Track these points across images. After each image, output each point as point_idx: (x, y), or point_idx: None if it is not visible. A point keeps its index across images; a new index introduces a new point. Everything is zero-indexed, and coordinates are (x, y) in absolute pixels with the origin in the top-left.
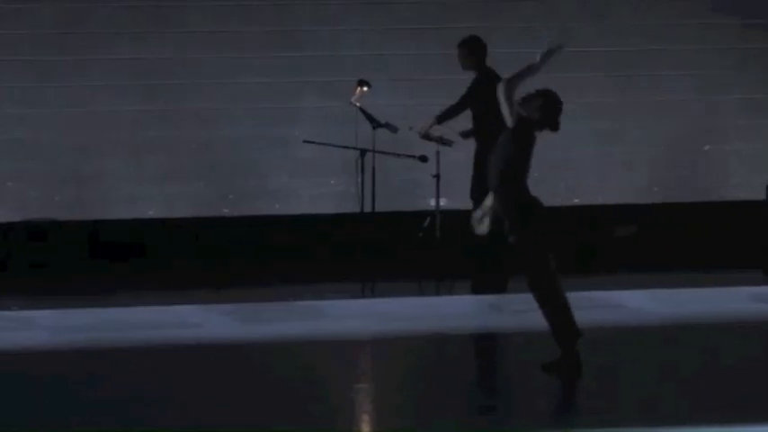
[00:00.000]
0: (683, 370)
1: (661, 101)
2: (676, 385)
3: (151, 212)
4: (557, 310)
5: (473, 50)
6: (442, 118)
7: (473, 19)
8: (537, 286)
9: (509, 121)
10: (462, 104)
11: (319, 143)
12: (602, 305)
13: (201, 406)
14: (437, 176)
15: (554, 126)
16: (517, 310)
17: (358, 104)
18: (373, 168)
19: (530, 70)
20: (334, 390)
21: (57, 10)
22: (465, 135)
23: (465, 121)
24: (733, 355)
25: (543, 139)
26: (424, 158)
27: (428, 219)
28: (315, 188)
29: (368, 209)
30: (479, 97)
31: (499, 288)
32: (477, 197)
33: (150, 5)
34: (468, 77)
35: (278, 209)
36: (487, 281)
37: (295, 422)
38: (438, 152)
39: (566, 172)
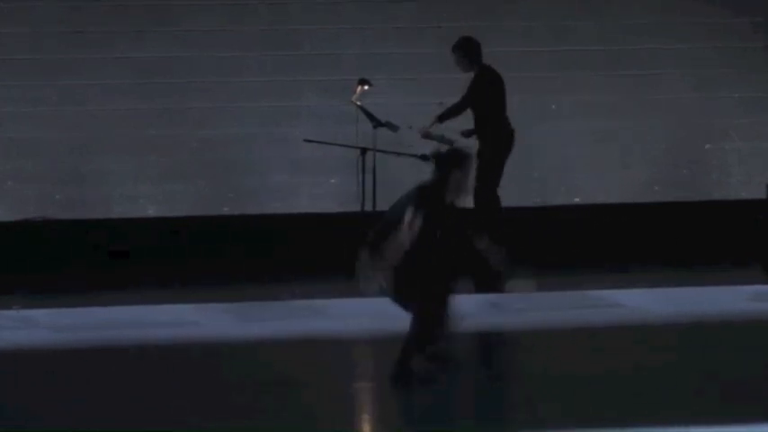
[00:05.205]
0: (682, 369)
1: (661, 99)
2: (676, 384)
3: (151, 211)
4: None
5: (466, 52)
6: (444, 117)
7: (473, 17)
8: None
9: None
10: (464, 104)
11: (320, 142)
12: (603, 305)
13: (200, 405)
14: None
15: None
16: (519, 309)
17: (359, 103)
18: (374, 167)
19: None
20: (333, 389)
21: (57, 9)
22: (466, 134)
23: (466, 120)
24: (733, 354)
25: (542, 138)
26: (425, 157)
27: None
28: (315, 187)
29: (368, 208)
30: (479, 96)
31: (501, 287)
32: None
33: (150, 5)
34: (468, 75)
35: (278, 207)
36: (490, 280)
37: (293, 421)
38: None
39: (565, 171)
